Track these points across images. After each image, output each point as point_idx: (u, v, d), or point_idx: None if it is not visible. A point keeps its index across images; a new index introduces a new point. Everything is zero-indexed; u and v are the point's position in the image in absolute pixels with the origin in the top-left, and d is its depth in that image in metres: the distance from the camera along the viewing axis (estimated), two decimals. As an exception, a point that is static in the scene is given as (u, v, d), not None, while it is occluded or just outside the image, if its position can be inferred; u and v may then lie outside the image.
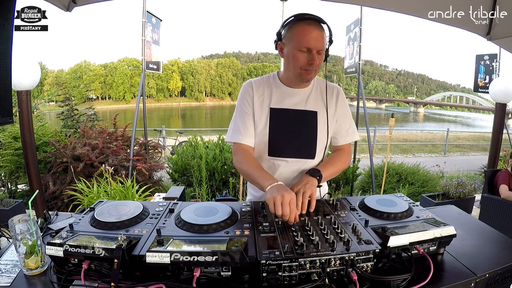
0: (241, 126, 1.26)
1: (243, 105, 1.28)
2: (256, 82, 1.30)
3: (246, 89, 1.29)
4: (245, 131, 1.26)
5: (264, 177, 1.10)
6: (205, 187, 3.78)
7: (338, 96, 1.31)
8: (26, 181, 4.03)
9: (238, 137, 1.25)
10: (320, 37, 1.13)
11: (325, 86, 1.29)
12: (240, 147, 1.25)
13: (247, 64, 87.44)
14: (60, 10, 2.33)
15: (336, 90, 1.32)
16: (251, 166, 1.18)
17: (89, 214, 0.95)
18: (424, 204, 3.60)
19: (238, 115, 1.28)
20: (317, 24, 1.13)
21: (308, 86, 1.30)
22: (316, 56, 1.14)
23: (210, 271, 0.78)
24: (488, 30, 2.50)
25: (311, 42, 1.12)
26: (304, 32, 1.13)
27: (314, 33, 1.12)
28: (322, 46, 1.14)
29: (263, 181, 1.08)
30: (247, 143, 1.26)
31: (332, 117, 1.30)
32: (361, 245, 0.82)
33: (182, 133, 8.92)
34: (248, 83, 1.31)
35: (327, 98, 1.28)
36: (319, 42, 1.12)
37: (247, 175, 1.20)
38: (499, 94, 3.75)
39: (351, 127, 1.34)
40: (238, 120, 1.27)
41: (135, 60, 60.83)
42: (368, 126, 4.54)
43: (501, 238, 1.10)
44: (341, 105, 1.31)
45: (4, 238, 1.10)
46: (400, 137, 12.90)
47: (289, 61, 1.20)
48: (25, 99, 2.78)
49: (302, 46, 1.13)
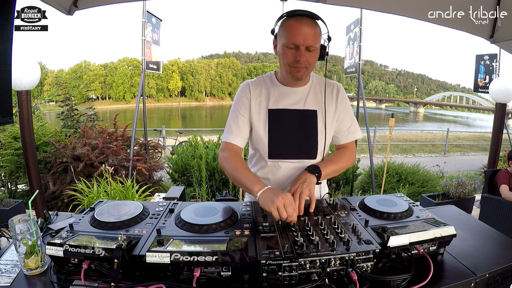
0: (233, 126, 1.24)
1: (239, 106, 1.26)
2: (253, 83, 1.28)
3: (243, 90, 1.28)
4: (236, 131, 1.24)
5: (253, 180, 1.08)
6: (205, 187, 3.78)
7: (338, 93, 1.28)
8: (26, 181, 4.03)
9: (229, 136, 1.24)
10: (310, 34, 1.09)
11: (324, 84, 1.27)
12: (228, 146, 1.23)
13: (247, 64, 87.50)
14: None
15: (336, 87, 1.29)
16: (239, 166, 1.15)
17: (89, 214, 0.95)
18: (424, 204, 3.60)
19: (231, 116, 1.27)
20: (308, 20, 1.10)
21: (307, 85, 1.27)
22: (305, 53, 1.11)
23: (210, 271, 0.78)
24: (492, 33, 2.49)
25: (298, 38, 1.09)
26: (291, 28, 1.10)
27: (302, 30, 1.09)
28: (311, 43, 1.10)
29: (251, 184, 1.05)
30: (237, 143, 1.24)
31: (333, 116, 1.27)
32: (361, 245, 0.82)
33: (182, 133, 8.91)
34: (245, 84, 1.29)
35: (325, 96, 1.25)
36: (308, 39, 1.09)
37: (232, 175, 1.16)
38: (499, 94, 3.75)
39: (353, 125, 1.32)
40: (231, 121, 1.26)
41: (135, 60, 60.85)
42: (368, 126, 4.54)
43: (501, 238, 1.10)
44: (341, 103, 1.28)
45: (4, 238, 1.10)
46: (400, 137, 12.89)
47: (280, 59, 1.19)
48: (25, 99, 2.78)
49: (290, 42, 1.10)
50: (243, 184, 1.10)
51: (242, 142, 1.25)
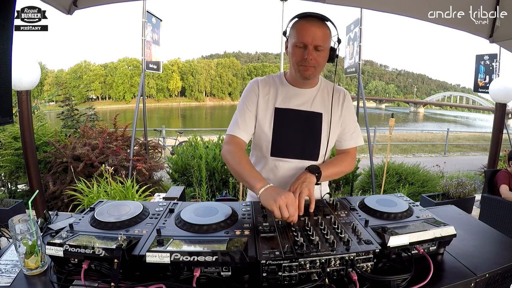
0: (240, 120, 1.25)
1: (247, 101, 1.27)
2: (263, 81, 1.30)
3: (252, 86, 1.29)
4: (243, 125, 1.25)
5: (256, 177, 1.08)
6: (205, 187, 3.78)
7: (345, 100, 1.31)
8: (26, 181, 4.03)
9: (235, 130, 1.25)
10: (319, 34, 1.12)
11: (332, 89, 1.29)
12: (234, 140, 1.24)
13: (247, 64, 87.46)
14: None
15: (343, 93, 1.32)
16: (243, 161, 1.15)
17: (89, 214, 0.95)
18: (424, 204, 3.60)
19: (239, 110, 1.28)
20: (317, 21, 1.13)
21: (315, 87, 1.29)
22: (313, 52, 1.13)
23: (210, 271, 0.78)
24: (491, 33, 2.49)
25: (306, 37, 1.12)
26: (301, 28, 1.13)
27: (311, 29, 1.11)
28: (320, 42, 1.12)
29: (254, 181, 1.05)
30: (242, 137, 1.25)
31: (337, 121, 1.29)
32: (361, 245, 0.82)
33: (182, 133, 8.91)
34: (254, 81, 1.31)
35: (332, 100, 1.27)
36: (317, 38, 1.12)
37: (235, 169, 1.15)
38: (499, 94, 3.75)
39: (356, 131, 1.34)
40: (238, 115, 1.27)
41: (135, 60, 60.85)
42: (368, 126, 4.54)
43: (501, 238, 1.10)
44: (347, 109, 1.31)
45: (4, 238, 1.10)
46: (400, 137, 12.90)
47: (289, 58, 1.21)
48: (25, 99, 2.78)
49: (298, 41, 1.13)
50: (246, 180, 1.10)
51: (247, 136, 1.27)
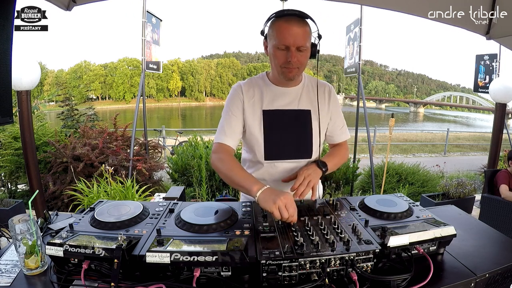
0: (227, 127, 1.24)
1: (232, 107, 1.25)
2: (246, 84, 1.27)
3: (236, 91, 1.27)
4: (230, 132, 1.23)
5: (250, 180, 1.07)
6: (205, 187, 3.78)
7: (330, 94, 1.31)
8: (26, 181, 4.03)
9: (222, 137, 1.23)
10: (301, 33, 1.09)
11: (316, 84, 1.28)
12: (223, 147, 1.22)
13: (247, 64, 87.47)
14: (60, 10, 2.33)
15: (328, 88, 1.32)
16: (234, 167, 1.14)
17: (89, 214, 0.95)
18: (424, 204, 3.60)
19: (224, 117, 1.26)
20: (297, 20, 1.09)
21: (299, 84, 1.28)
22: (295, 53, 1.10)
23: (210, 271, 0.78)
24: (488, 30, 2.50)
25: (288, 40, 1.08)
26: (281, 29, 1.09)
27: (292, 30, 1.08)
28: (302, 43, 1.09)
29: (249, 185, 1.04)
30: (230, 144, 1.23)
31: (326, 115, 1.30)
32: (361, 245, 0.82)
33: (182, 133, 8.91)
34: (237, 85, 1.29)
35: (318, 96, 1.27)
36: (299, 39, 1.08)
37: (228, 176, 1.14)
38: (499, 94, 3.74)
39: (344, 125, 1.37)
40: (224, 122, 1.25)
41: (135, 60, 60.85)
42: (368, 126, 4.54)
43: (501, 238, 1.10)
44: (333, 103, 1.32)
45: (4, 238, 1.10)
46: (400, 137, 12.89)
47: (271, 60, 1.18)
48: (25, 99, 2.78)
49: (280, 44, 1.10)
50: (240, 185, 1.09)
51: (234, 143, 1.25)
